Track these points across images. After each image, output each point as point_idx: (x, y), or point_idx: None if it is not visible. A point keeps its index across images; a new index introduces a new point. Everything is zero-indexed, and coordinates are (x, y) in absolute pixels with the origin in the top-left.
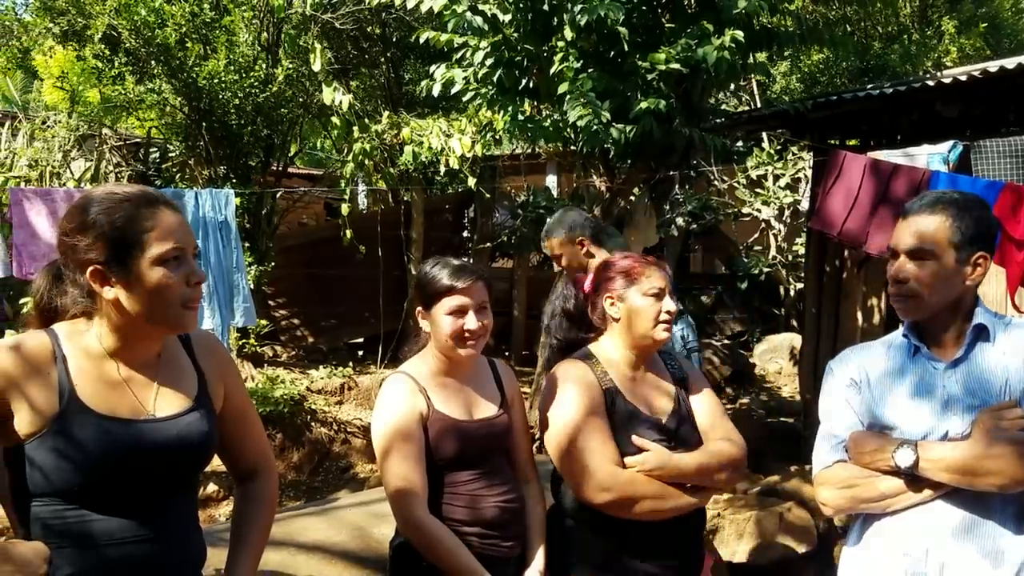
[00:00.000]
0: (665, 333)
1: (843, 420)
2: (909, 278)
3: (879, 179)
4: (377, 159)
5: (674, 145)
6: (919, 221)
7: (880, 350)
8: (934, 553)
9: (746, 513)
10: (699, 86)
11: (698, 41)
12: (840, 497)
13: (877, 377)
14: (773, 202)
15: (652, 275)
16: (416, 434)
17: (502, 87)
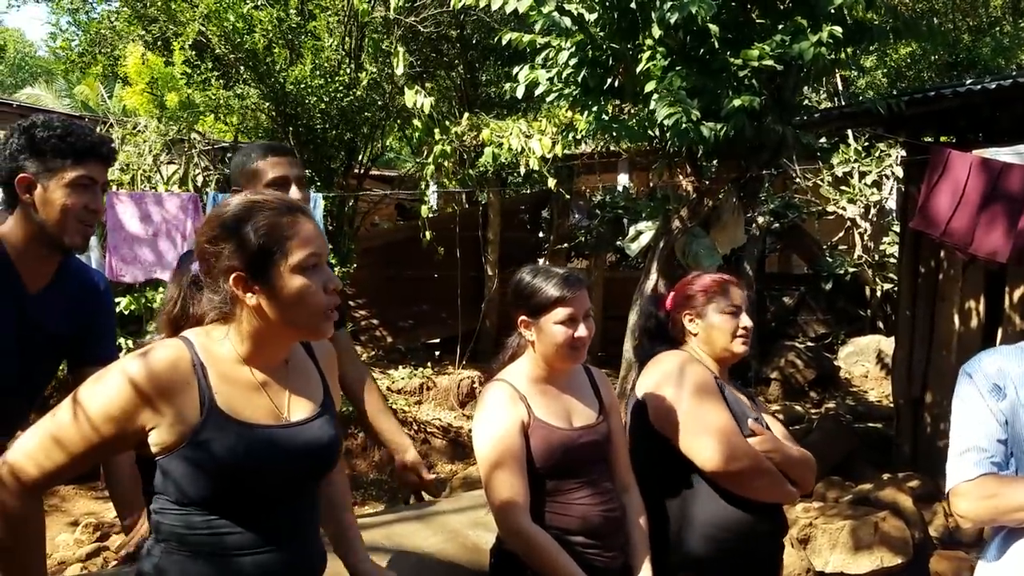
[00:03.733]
0: (743, 347)
1: (988, 431)
2: None
3: (988, 178)
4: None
5: (764, 143)
6: None
7: (1021, 353)
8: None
9: (839, 522)
10: (791, 83)
11: (792, 37)
12: (981, 508)
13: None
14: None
15: (729, 292)
16: (518, 443)
17: (586, 87)
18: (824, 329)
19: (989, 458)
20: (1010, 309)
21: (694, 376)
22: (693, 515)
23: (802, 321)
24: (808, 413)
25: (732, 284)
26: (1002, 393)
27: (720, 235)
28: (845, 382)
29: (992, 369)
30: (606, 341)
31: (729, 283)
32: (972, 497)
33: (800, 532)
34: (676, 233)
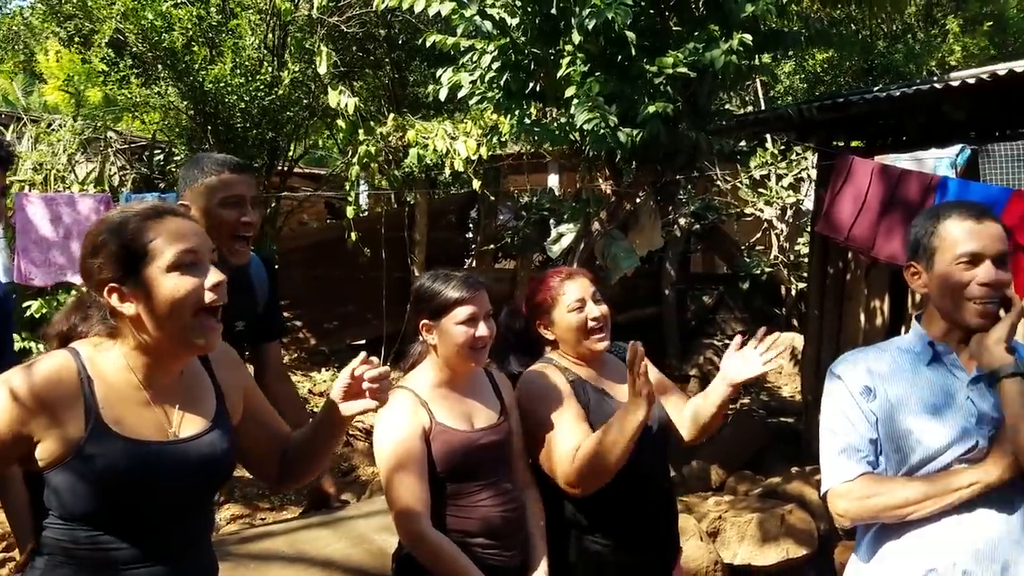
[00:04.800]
0: (601, 343)
1: (861, 431)
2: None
3: (888, 184)
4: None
5: (680, 148)
6: (994, 226)
7: (889, 355)
8: (963, 567)
9: (748, 515)
10: (706, 89)
11: (705, 44)
12: (860, 508)
13: (892, 384)
14: (775, 202)
15: (570, 288)
16: (419, 449)
17: (509, 91)
18: (741, 327)
19: (864, 458)
20: (912, 308)
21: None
22: (581, 518)
23: (721, 319)
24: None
25: (573, 278)
26: (872, 394)
27: (638, 237)
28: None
29: (861, 370)
30: None
31: (569, 277)
32: (851, 497)
33: (710, 525)
34: (596, 235)
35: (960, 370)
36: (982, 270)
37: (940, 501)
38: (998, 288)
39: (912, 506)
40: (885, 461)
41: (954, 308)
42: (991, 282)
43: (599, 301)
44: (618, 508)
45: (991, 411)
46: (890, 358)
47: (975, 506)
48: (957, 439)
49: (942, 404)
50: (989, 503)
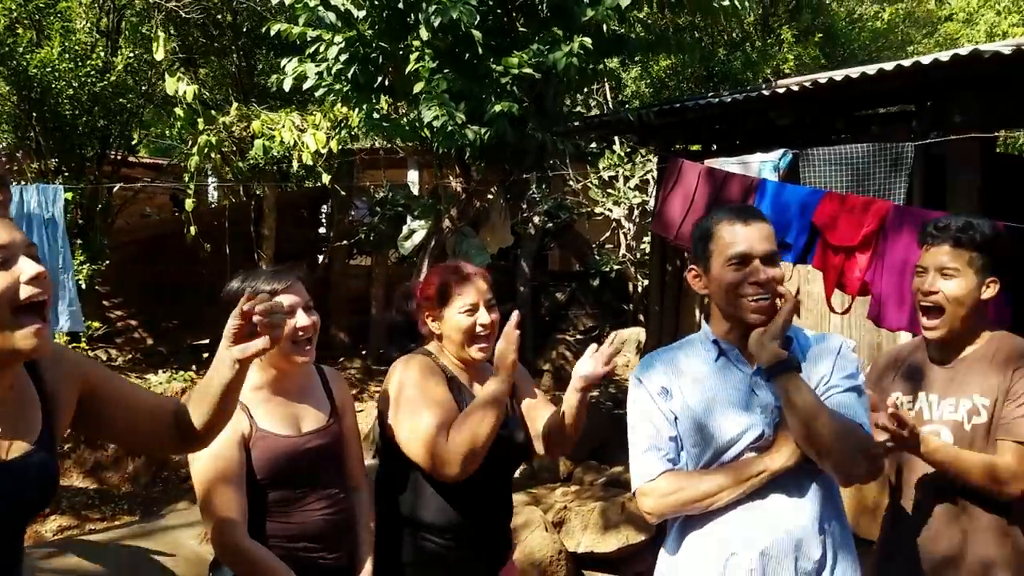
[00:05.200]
0: (480, 353)
1: (662, 430)
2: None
3: (713, 186)
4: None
5: (528, 148)
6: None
7: (683, 355)
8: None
9: (591, 504)
10: (552, 91)
11: (549, 47)
12: (666, 504)
13: (687, 383)
14: (623, 202)
15: (466, 289)
16: (236, 458)
17: (357, 84)
18: (592, 323)
19: (666, 456)
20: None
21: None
22: (420, 516)
23: (573, 315)
24: None
25: (472, 279)
26: (669, 394)
27: (489, 235)
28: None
29: (659, 372)
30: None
31: (467, 278)
32: (656, 495)
33: (555, 516)
34: (447, 232)
35: (744, 364)
36: (751, 270)
37: (736, 490)
38: (767, 286)
39: (712, 497)
40: (686, 456)
41: (731, 307)
42: (760, 281)
43: (492, 308)
44: (456, 505)
45: (774, 400)
46: (684, 358)
47: (769, 491)
48: (746, 429)
49: (731, 398)
50: (781, 487)
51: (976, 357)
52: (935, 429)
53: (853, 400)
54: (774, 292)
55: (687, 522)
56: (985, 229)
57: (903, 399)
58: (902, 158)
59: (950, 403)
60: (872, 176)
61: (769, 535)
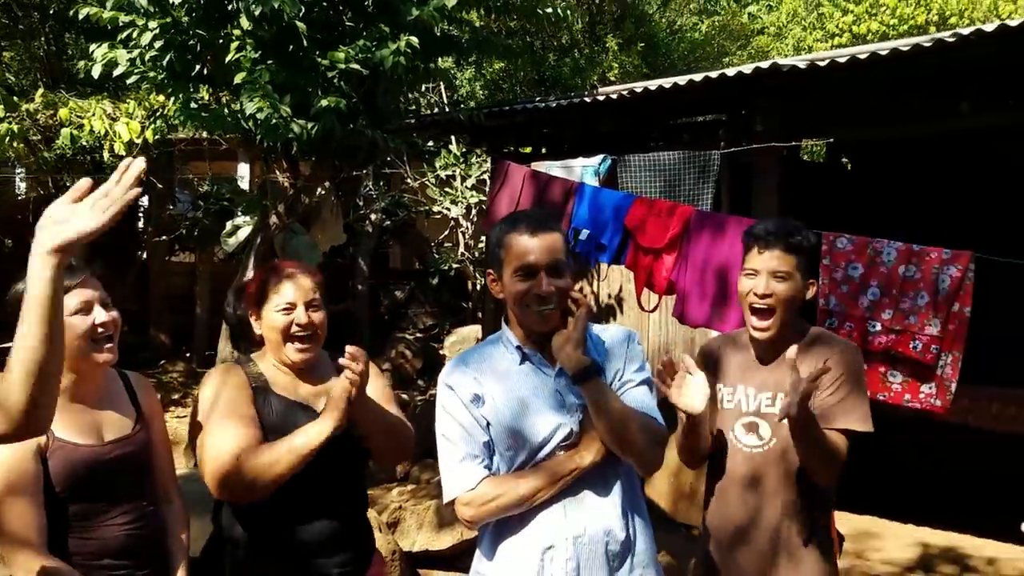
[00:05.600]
0: (300, 354)
1: (476, 438)
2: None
3: (537, 188)
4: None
5: (359, 144)
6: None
7: (488, 359)
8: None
9: (427, 503)
10: (382, 87)
11: (377, 43)
12: (485, 511)
13: (496, 388)
14: (461, 201)
15: (284, 289)
16: (32, 470)
17: (173, 72)
18: (432, 321)
19: (482, 463)
20: None
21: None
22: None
23: (412, 314)
24: (414, 401)
25: (293, 277)
26: (481, 400)
27: (320, 232)
28: None
29: (469, 378)
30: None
31: (289, 276)
32: (476, 503)
33: (390, 516)
34: (274, 229)
35: (547, 367)
36: (536, 282)
37: (550, 490)
38: (550, 298)
39: (528, 500)
40: (499, 460)
41: (520, 315)
42: (542, 293)
43: (315, 308)
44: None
45: (577, 399)
46: (490, 361)
47: (580, 487)
48: (556, 429)
49: (539, 400)
50: (589, 480)
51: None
52: (753, 421)
53: (645, 394)
54: (561, 302)
55: (501, 525)
56: (810, 235)
57: (726, 389)
58: (709, 165)
59: (767, 396)
60: (683, 182)
61: (582, 525)
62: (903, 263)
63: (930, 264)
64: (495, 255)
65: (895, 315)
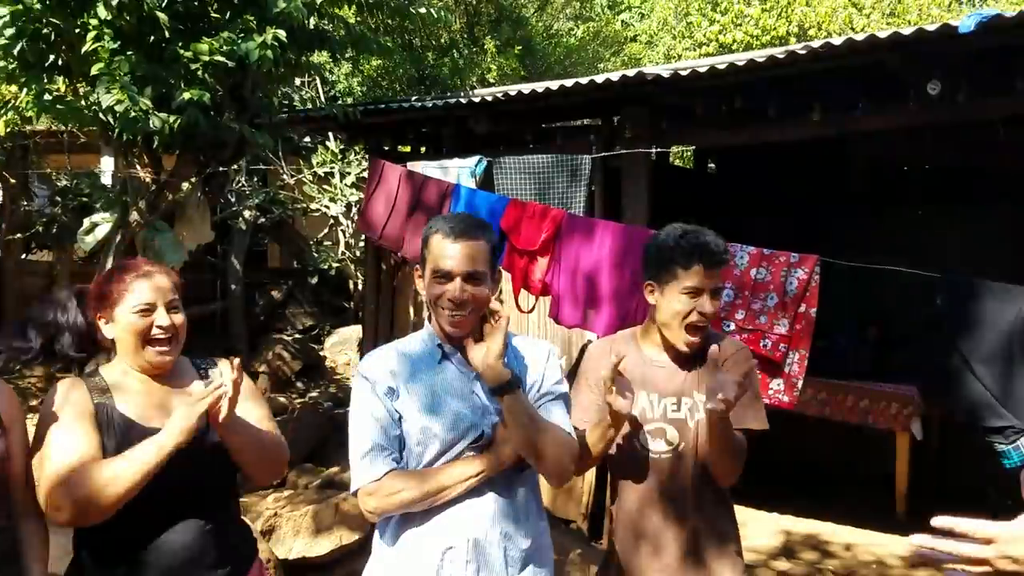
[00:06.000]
0: (160, 356)
1: (386, 430)
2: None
3: (413, 188)
4: None
5: (226, 139)
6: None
7: (407, 353)
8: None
9: (303, 508)
10: (250, 81)
11: (243, 35)
12: (389, 503)
13: (412, 383)
14: (340, 199)
15: (138, 288)
16: None
17: (26, 61)
18: (311, 321)
19: (390, 455)
20: None
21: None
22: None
23: (290, 314)
24: (292, 404)
25: (150, 276)
26: (395, 393)
27: (185, 229)
28: (330, 371)
29: (385, 371)
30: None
31: (145, 275)
32: (380, 495)
33: (265, 524)
34: (135, 226)
35: (465, 367)
36: (451, 287)
37: (457, 489)
38: (463, 305)
39: (432, 497)
40: (408, 455)
41: (434, 314)
42: (456, 299)
43: (174, 309)
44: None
45: (493, 403)
46: (409, 356)
47: (485, 489)
48: (467, 430)
49: (454, 399)
50: (493, 483)
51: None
52: (660, 427)
53: (561, 409)
54: (475, 310)
55: (404, 518)
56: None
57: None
58: (580, 169)
59: (672, 401)
60: (555, 184)
61: (483, 528)
62: (755, 266)
63: (779, 267)
64: (422, 252)
65: (747, 315)
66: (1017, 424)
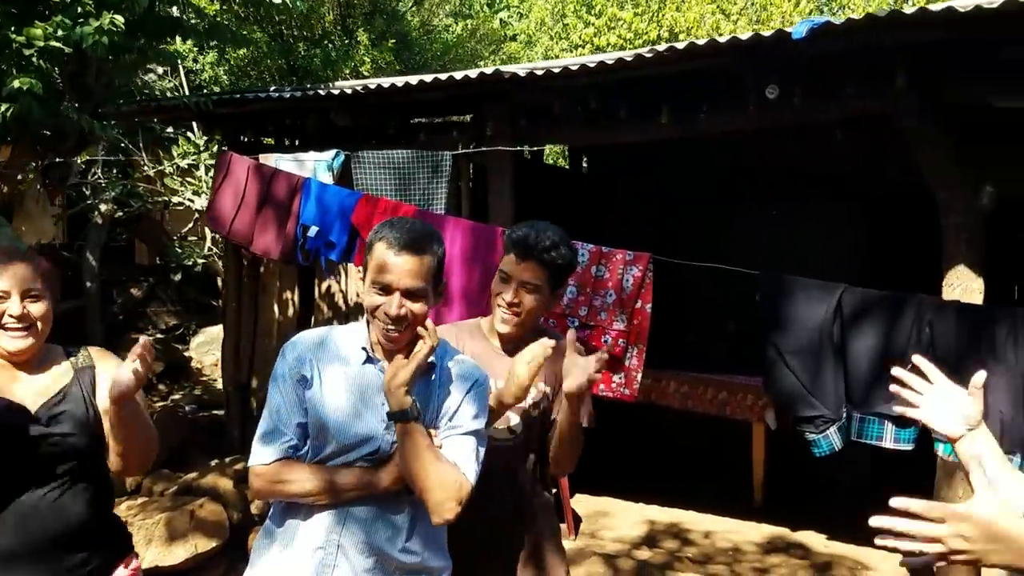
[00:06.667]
0: (13, 343)
1: (291, 416)
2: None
3: (262, 182)
4: None
5: (66, 129)
6: (411, 260)
7: (333, 346)
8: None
9: (157, 516)
10: (93, 68)
11: (83, 20)
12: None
13: (328, 376)
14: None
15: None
16: None
17: None
18: (175, 320)
19: (287, 442)
20: (320, 299)
21: None
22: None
23: (152, 313)
24: (153, 407)
25: (11, 262)
26: (308, 383)
27: (25, 224)
28: (196, 372)
29: (304, 358)
30: None
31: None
32: (264, 479)
33: None
34: None
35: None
36: (388, 301)
37: (339, 496)
38: (400, 321)
39: (313, 497)
40: (308, 446)
41: (372, 323)
42: (392, 315)
43: (32, 298)
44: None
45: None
46: (336, 351)
47: (369, 501)
48: (367, 439)
49: (364, 404)
50: (381, 500)
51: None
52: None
53: (469, 445)
54: (412, 326)
55: (292, 506)
56: (565, 250)
57: None
58: (442, 165)
59: None
60: (416, 181)
61: (355, 538)
62: (594, 263)
63: (616, 265)
64: (365, 256)
65: (590, 311)
66: (826, 414)
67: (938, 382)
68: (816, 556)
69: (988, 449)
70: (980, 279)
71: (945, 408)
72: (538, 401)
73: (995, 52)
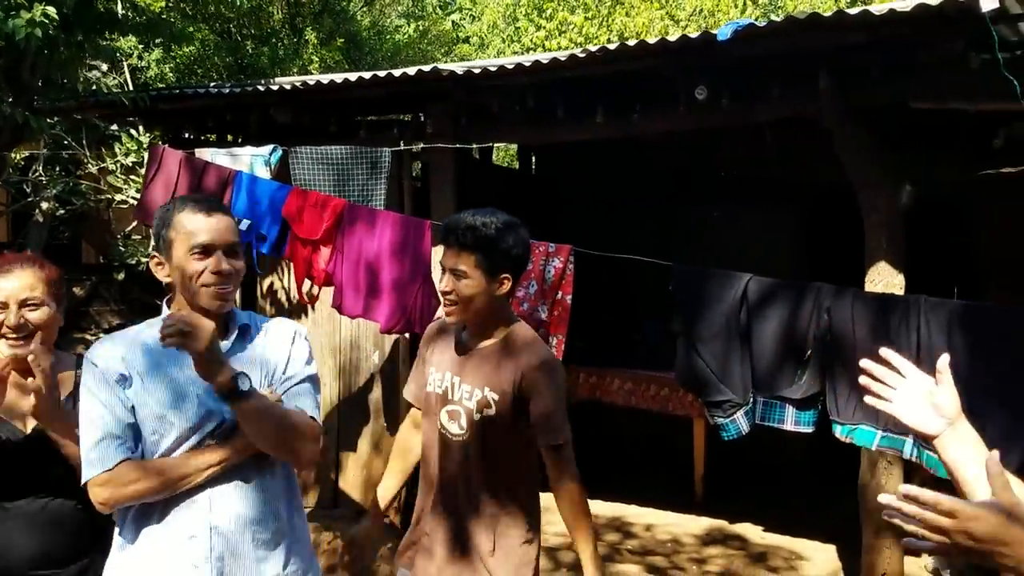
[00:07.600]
0: (12, 351)
1: (119, 419)
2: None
3: (193, 175)
4: None
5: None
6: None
7: (142, 340)
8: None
9: None
10: (28, 62)
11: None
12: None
13: (146, 369)
14: None
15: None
16: None
17: None
18: (119, 319)
19: (123, 444)
20: (262, 298)
21: None
22: None
23: (95, 312)
24: None
25: (10, 271)
26: (128, 381)
27: None
28: None
29: (117, 358)
30: None
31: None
32: (112, 485)
33: None
34: None
35: None
36: (213, 260)
37: (194, 479)
38: (228, 276)
39: (171, 487)
40: (143, 445)
41: (192, 295)
42: (222, 271)
43: (32, 307)
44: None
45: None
46: (146, 344)
47: (231, 476)
48: (206, 418)
49: (191, 387)
50: (239, 470)
51: (490, 350)
52: (455, 409)
53: (306, 391)
54: (236, 283)
55: (143, 512)
56: (488, 231)
57: (436, 374)
58: (380, 162)
59: (467, 389)
60: (354, 177)
61: (227, 515)
62: None
63: (538, 256)
64: (162, 237)
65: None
66: (734, 399)
67: (909, 374)
68: (752, 547)
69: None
70: (900, 275)
71: (916, 402)
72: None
73: (914, 55)
